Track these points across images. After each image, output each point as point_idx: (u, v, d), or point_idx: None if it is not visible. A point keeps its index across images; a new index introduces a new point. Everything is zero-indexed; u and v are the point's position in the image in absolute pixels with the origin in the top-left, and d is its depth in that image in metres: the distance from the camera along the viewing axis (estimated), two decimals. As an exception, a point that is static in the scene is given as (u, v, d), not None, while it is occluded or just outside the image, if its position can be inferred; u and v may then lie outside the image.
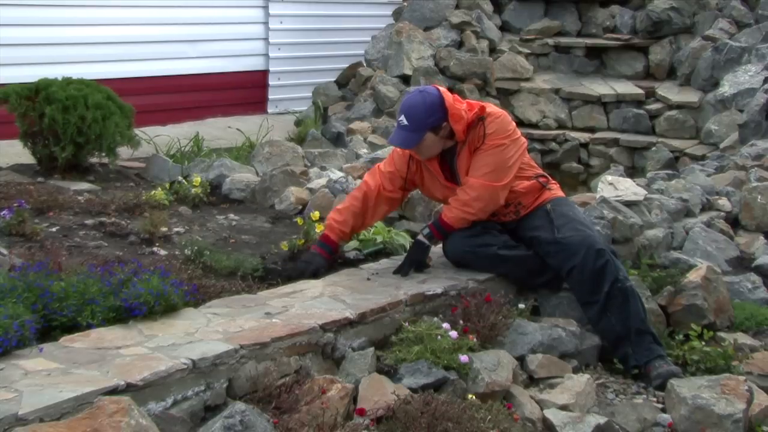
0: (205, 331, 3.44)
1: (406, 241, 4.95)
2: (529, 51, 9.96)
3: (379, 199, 4.49)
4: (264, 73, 10.06)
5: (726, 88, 8.64)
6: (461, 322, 3.94)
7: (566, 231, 4.23)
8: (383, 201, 4.51)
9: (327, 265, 4.39)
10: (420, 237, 4.39)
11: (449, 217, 4.31)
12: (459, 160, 4.34)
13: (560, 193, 4.53)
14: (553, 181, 4.56)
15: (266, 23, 10.00)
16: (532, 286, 4.42)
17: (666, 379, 3.90)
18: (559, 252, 4.20)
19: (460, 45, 9.72)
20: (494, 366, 3.70)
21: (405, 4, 10.58)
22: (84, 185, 6.03)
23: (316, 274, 4.30)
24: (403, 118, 4.24)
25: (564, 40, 10.10)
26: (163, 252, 4.67)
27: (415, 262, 4.36)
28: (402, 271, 4.33)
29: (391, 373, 3.60)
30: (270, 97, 10.11)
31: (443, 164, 4.41)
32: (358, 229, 4.58)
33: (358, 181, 5.99)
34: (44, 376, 2.98)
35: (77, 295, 3.48)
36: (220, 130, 8.78)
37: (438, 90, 4.29)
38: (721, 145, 7.96)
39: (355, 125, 8.22)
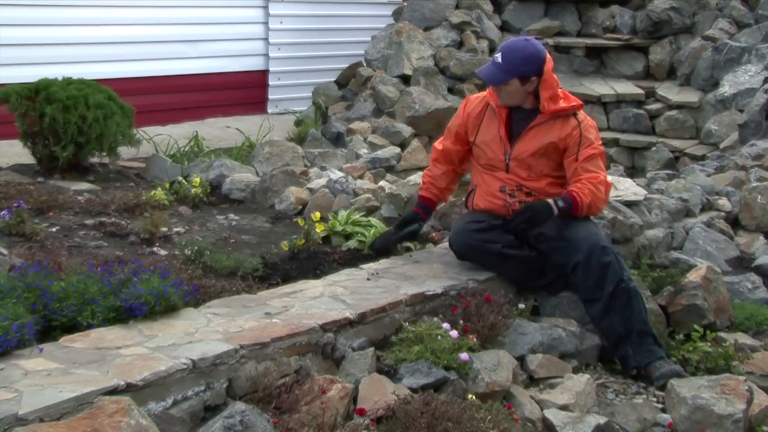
0: (205, 331, 3.44)
1: (409, 240, 4.95)
2: (529, 51, 9.94)
3: (452, 155, 4.62)
4: (264, 73, 10.06)
5: (726, 88, 8.64)
6: (461, 322, 3.94)
7: (573, 228, 4.26)
8: (456, 156, 4.63)
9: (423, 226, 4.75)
10: (551, 202, 4.27)
11: (581, 195, 4.23)
12: (529, 131, 4.35)
13: None
14: None
15: (266, 23, 10.00)
16: (532, 287, 4.43)
17: (669, 379, 3.90)
18: (564, 248, 4.22)
19: (460, 45, 9.72)
20: (494, 366, 3.70)
21: (405, 4, 10.58)
22: (84, 185, 6.03)
23: (414, 236, 4.70)
24: (498, 56, 4.30)
25: (564, 40, 10.10)
26: (163, 252, 4.67)
27: (532, 221, 4.27)
28: (515, 222, 4.31)
29: (391, 373, 3.60)
30: (270, 97, 10.10)
31: (509, 121, 4.42)
32: (450, 187, 4.76)
33: (358, 181, 6.01)
34: (44, 376, 2.98)
35: (77, 295, 3.48)
36: (220, 130, 8.78)
37: (545, 50, 4.36)
38: (721, 145, 7.96)
39: (355, 125, 8.22)
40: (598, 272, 4.14)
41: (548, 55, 4.34)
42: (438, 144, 4.69)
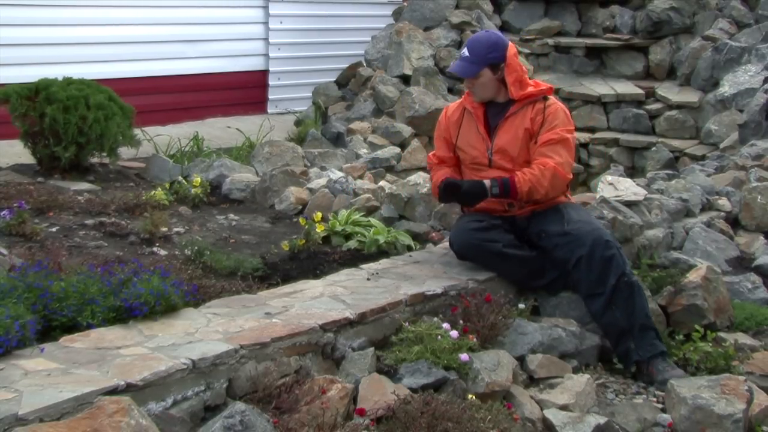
0: (205, 331, 3.44)
1: (410, 240, 4.96)
2: (529, 51, 9.95)
3: (449, 161, 4.63)
4: (264, 73, 10.06)
5: (726, 88, 8.64)
6: (461, 322, 3.94)
7: (576, 223, 4.29)
8: (453, 162, 4.64)
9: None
10: (486, 182, 4.36)
11: (521, 180, 4.30)
12: (504, 122, 4.44)
13: (573, 200, 4.70)
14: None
15: (266, 23, 9.99)
16: (532, 287, 4.43)
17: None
18: (567, 243, 4.23)
19: (460, 45, 9.71)
20: (494, 366, 3.70)
21: (405, 4, 10.57)
22: (84, 185, 6.03)
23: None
24: (465, 50, 4.45)
25: (564, 40, 10.10)
26: (163, 252, 4.67)
27: (463, 196, 4.42)
28: (444, 195, 4.46)
29: (391, 373, 3.60)
30: (270, 97, 10.10)
31: (485, 117, 4.50)
32: None
33: (358, 181, 6.01)
34: (44, 376, 2.98)
35: (77, 295, 3.48)
36: (220, 130, 8.78)
37: (505, 38, 4.50)
38: (721, 145, 7.95)
39: (355, 125, 8.22)
40: (602, 266, 4.15)
41: (510, 43, 4.47)
42: (433, 156, 4.73)
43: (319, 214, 5.02)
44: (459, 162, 4.65)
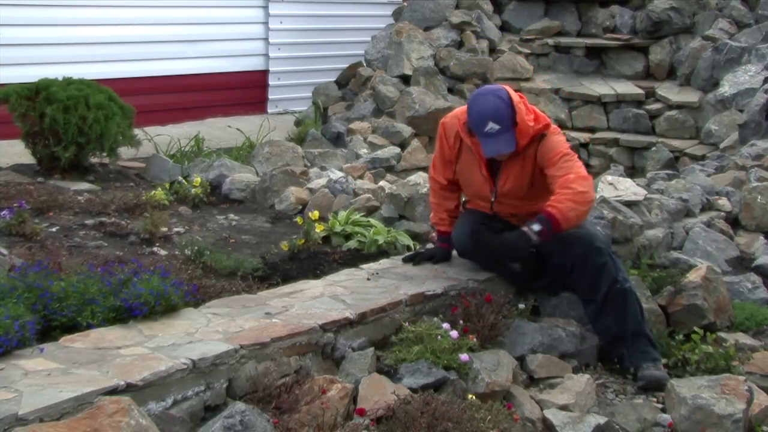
0: (205, 331, 3.44)
1: (409, 241, 4.96)
2: (529, 51, 9.95)
3: (455, 183, 4.46)
4: (264, 73, 10.06)
5: (726, 88, 8.64)
6: (461, 322, 3.94)
7: (569, 229, 4.18)
8: (452, 187, 4.49)
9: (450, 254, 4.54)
10: (526, 229, 4.06)
11: (561, 212, 4.00)
12: (506, 165, 4.23)
13: None
14: None
15: (266, 23, 10.00)
16: (532, 288, 4.42)
17: (650, 382, 3.92)
18: (561, 249, 4.19)
19: (460, 45, 9.71)
20: (494, 366, 3.70)
21: (405, 4, 10.57)
22: (84, 185, 6.03)
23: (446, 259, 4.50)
24: (492, 125, 4.04)
25: (564, 40, 10.09)
26: (163, 252, 4.67)
27: (512, 254, 4.18)
28: (474, 246, 4.29)
29: (391, 373, 3.60)
30: (270, 97, 10.10)
31: (489, 162, 4.27)
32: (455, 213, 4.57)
33: (358, 181, 6.01)
34: (44, 376, 2.98)
35: (77, 295, 3.48)
36: (220, 130, 8.78)
37: (501, 87, 4.21)
38: (721, 145, 7.95)
39: (355, 125, 8.21)
40: (593, 273, 4.12)
41: (511, 93, 4.16)
42: (437, 176, 4.48)
43: (317, 213, 5.02)
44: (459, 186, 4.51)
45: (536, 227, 4.02)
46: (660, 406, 3.85)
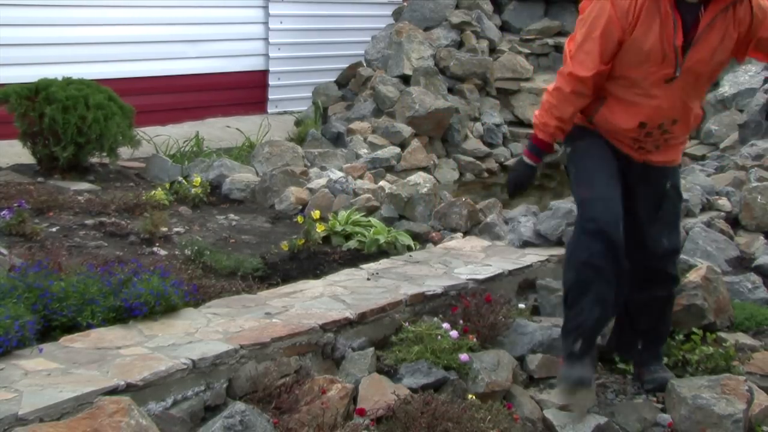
0: (205, 331, 3.44)
1: (410, 241, 4.96)
2: (529, 51, 9.95)
3: (600, 80, 3.49)
4: (264, 73, 10.06)
5: (726, 88, 8.63)
6: (461, 322, 3.94)
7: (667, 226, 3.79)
8: (596, 80, 3.50)
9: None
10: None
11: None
12: (706, 28, 3.36)
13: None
14: None
15: (266, 23, 9.99)
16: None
17: (661, 385, 3.90)
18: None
19: (460, 45, 9.71)
20: (494, 366, 3.70)
21: (405, 4, 10.57)
22: (84, 185, 6.03)
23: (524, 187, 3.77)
24: None
25: (564, 40, 10.08)
26: (163, 252, 4.67)
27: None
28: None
29: (391, 373, 3.60)
30: (270, 97, 10.10)
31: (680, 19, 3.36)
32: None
33: (358, 181, 6.00)
34: (44, 376, 2.98)
35: (77, 295, 3.48)
36: (220, 130, 8.78)
37: None
38: (721, 145, 7.95)
39: (355, 125, 8.21)
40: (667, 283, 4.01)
41: None
42: (583, 69, 3.48)
43: (318, 212, 5.02)
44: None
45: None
46: (660, 406, 3.85)
